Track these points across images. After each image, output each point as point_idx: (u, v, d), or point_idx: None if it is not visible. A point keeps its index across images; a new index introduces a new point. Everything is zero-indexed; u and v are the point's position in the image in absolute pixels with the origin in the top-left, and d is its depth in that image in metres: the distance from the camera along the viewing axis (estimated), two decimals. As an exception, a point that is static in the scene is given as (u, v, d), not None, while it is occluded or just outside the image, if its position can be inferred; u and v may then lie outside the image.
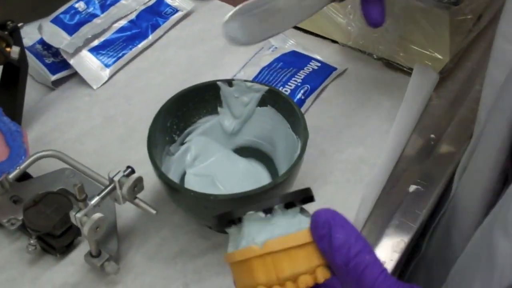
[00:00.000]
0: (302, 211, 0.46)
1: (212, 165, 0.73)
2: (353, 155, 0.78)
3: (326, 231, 0.41)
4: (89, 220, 0.57)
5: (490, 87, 0.61)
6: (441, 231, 0.75)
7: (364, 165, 0.76)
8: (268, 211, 0.44)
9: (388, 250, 0.68)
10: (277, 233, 0.42)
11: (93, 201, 0.58)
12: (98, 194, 0.59)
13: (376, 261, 0.41)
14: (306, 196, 0.46)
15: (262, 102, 0.71)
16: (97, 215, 0.57)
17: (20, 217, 0.65)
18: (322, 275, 0.42)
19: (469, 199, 0.66)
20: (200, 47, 0.94)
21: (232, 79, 0.71)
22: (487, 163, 0.60)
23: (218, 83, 0.70)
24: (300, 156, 0.61)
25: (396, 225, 0.71)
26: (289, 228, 0.43)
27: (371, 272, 0.40)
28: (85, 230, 0.57)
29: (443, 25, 0.85)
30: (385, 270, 0.41)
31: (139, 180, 0.61)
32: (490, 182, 0.60)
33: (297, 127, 0.66)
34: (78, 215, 0.57)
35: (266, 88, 0.70)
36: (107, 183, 0.61)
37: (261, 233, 0.43)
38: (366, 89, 0.87)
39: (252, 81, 0.71)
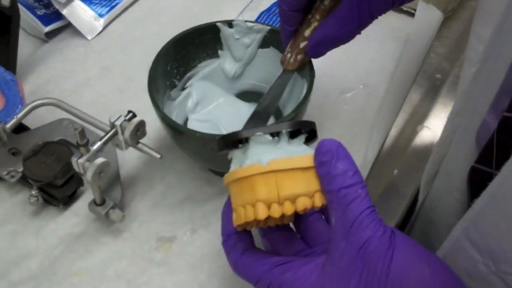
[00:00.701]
0: (307, 143, 0.47)
1: (215, 110, 0.71)
2: (358, 98, 0.76)
3: (328, 159, 0.42)
4: (92, 165, 0.55)
5: (462, 87, 0.59)
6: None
7: (370, 107, 0.75)
8: (276, 134, 0.45)
9: (398, 187, 0.67)
10: (282, 156, 0.43)
11: (95, 146, 0.56)
12: (100, 139, 0.57)
13: (367, 197, 0.41)
14: (312, 129, 0.47)
15: (264, 44, 0.69)
16: (100, 160, 0.55)
17: (20, 169, 0.63)
18: (320, 200, 0.43)
19: (442, 210, 0.65)
20: (196, -6, 0.91)
21: (232, 20, 0.68)
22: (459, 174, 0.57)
23: (218, 24, 0.68)
24: (307, 95, 0.59)
25: (404, 167, 0.69)
26: (294, 153, 0.44)
27: (360, 204, 0.41)
28: (88, 175, 0.55)
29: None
30: (373, 206, 0.41)
31: (142, 124, 0.59)
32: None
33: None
34: (80, 160, 0.55)
35: (268, 28, 0.67)
36: (108, 129, 0.59)
37: (267, 154, 0.43)
38: (368, 31, 0.83)
39: (253, 21, 0.68)
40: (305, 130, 0.46)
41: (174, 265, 0.60)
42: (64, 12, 0.83)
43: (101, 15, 0.85)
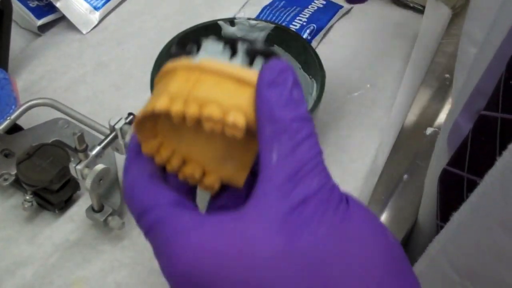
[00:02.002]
0: None
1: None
2: (365, 97, 0.73)
3: (283, 79, 0.32)
4: (92, 172, 0.52)
5: (455, 91, 0.56)
6: None
7: (378, 107, 0.72)
8: (230, 46, 0.36)
9: (408, 193, 0.65)
10: None
11: (94, 151, 0.53)
12: (99, 144, 0.54)
13: (318, 140, 0.32)
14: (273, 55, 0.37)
15: (268, 42, 0.66)
16: (100, 166, 0.52)
17: (13, 172, 0.60)
18: (235, 118, 0.32)
19: (425, 215, 0.62)
20: (194, -14, 0.88)
21: (234, 18, 0.65)
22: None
23: (219, 22, 0.65)
24: (320, 97, 0.57)
25: (414, 170, 0.67)
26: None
27: (313, 146, 0.31)
28: (87, 183, 0.52)
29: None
30: (322, 153, 0.32)
31: (143, 127, 0.56)
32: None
33: (311, 67, 0.61)
34: (79, 167, 0.52)
35: (272, 26, 0.65)
36: (107, 132, 0.57)
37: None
38: (374, 28, 0.82)
39: (256, 19, 0.65)
40: (264, 56, 0.36)
41: (176, 275, 0.57)
42: (58, 4, 0.79)
43: (96, 8, 0.82)
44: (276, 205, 0.30)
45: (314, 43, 0.78)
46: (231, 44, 0.36)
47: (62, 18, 0.81)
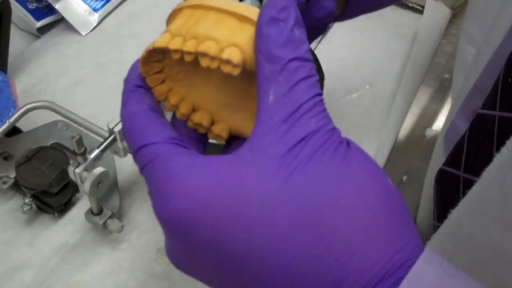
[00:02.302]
0: None
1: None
2: (364, 98, 0.73)
3: (284, 17, 0.31)
4: (90, 175, 0.52)
5: (454, 91, 0.56)
6: None
7: (377, 108, 0.72)
8: None
9: (406, 196, 0.65)
10: None
11: (93, 154, 0.53)
12: (98, 147, 0.54)
13: (318, 83, 0.32)
14: None
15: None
16: (99, 170, 0.52)
17: (12, 175, 0.60)
18: (231, 54, 0.31)
19: (423, 215, 0.62)
20: (193, -12, 0.88)
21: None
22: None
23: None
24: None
25: (414, 171, 0.67)
26: None
27: (312, 86, 0.30)
28: (86, 186, 0.52)
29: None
30: (322, 95, 0.32)
31: (142, 130, 0.56)
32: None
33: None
34: (77, 170, 0.52)
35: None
36: (106, 134, 0.56)
37: None
38: (373, 29, 0.82)
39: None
40: None
41: (175, 279, 0.57)
42: (57, 6, 0.79)
43: (95, 10, 0.82)
44: (272, 146, 0.30)
45: (312, 44, 0.78)
46: None
47: (61, 19, 0.81)
